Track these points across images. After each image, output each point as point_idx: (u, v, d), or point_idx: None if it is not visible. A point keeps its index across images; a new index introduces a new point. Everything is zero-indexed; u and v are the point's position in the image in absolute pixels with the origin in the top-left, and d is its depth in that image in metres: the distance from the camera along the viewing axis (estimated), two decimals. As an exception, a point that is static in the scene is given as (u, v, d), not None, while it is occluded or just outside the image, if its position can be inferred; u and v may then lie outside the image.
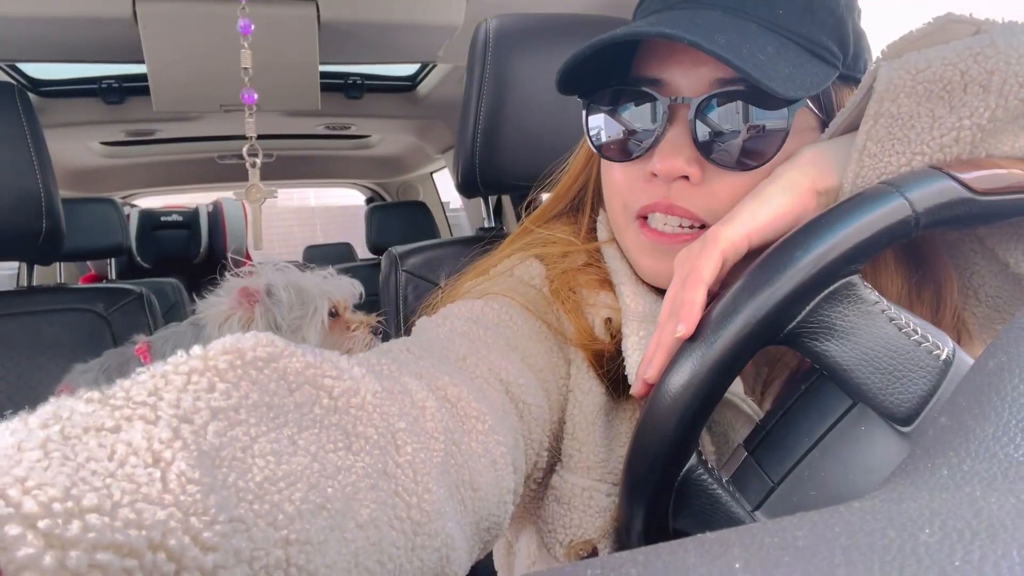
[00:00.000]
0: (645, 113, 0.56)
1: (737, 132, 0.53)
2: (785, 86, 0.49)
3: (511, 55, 1.04)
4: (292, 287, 1.32)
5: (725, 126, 0.53)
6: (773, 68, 0.49)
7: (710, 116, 0.53)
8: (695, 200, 0.55)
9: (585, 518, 0.57)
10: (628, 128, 0.57)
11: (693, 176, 0.54)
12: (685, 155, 0.53)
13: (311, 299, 1.34)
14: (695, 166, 0.53)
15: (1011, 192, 0.45)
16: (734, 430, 0.57)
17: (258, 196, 1.08)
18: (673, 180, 0.55)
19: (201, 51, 1.39)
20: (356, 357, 0.38)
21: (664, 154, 0.54)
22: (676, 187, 0.55)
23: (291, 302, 1.31)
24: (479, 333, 0.54)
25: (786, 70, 0.50)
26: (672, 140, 0.54)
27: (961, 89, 0.45)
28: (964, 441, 0.21)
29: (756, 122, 0.52)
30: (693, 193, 0.55)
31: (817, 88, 0.51)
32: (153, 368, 0.26)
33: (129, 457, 0.22)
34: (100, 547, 0.19)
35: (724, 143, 0.53)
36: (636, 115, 0.56)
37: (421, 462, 0.33)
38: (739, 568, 0.16)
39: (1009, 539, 0.15)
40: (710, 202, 0.54)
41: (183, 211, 3.93)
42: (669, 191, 0.55)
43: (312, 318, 1.33)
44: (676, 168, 0.53)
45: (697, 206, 0.55)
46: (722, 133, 0.53)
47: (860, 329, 0.43)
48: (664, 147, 0.54)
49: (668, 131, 0.55)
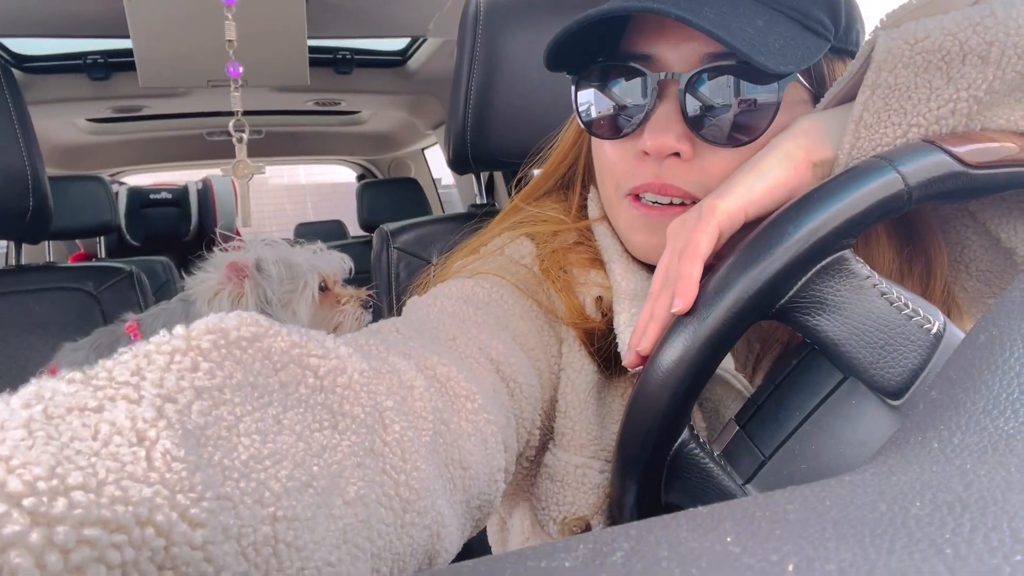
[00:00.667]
0: (634, 89, 0.55)
1: (728, 107, 0.52)
2: (775, 60, 0.48)
3: (502, 29, 1.03)
4: (282, 261, 1.32)
5: (715, 101, 0.52)
6: (763, 42, 0.49)
7: (700, 91, 0.52)
8: (687, 177, 0.54)
9: (578, 495, 0.57)
10: (617, 105, 0.56)
11: (684, 153, 0.53)
12: (675, 131, 0.53)
13: (301, 273, 1.33)
14: (686, 142, 0.53)
15: (1003, 165, 0.44)
16: (725, 406, 0.57)
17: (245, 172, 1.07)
18: (664, 157, 0.54)
19: (187, 25, 1.37)
20: (344, 337, 0.38)
21: (654, 131, 0.53)
22: (668, 164, 0.54)
23: (281, 276, 1.30)
24: (469, 313, 0.53)
25: (776, 44, 0.49)
26: (662, 116, 0.54)
27: (959, 60, 0.45)
28: (955, 414, 0.21)
29: (746, 97, 0.52)
30: (685, 170, 0.54)
31: (807, 62, 0.50)
32: (135, 348, 0.26)
33: (113, 436, 0.22)
34: (87, 523, 0.19)
35: (715, 119, 0.53)
36: (625, 91, 0.56)
37: (409, 440, 0.33)
38: (730, 542, 0.16)
39: (999, 512, 0.15)
40: (702, 178, 0.54)
41: (172, 189, 3.91)
42: (661, 169, 0.55)
43: (302, 292, 1.32)
44: (667, 145, 0.53)
45: (689, 183, 0.54)
46: (712, 108, 0.52)
47: (852, 303, 0.43)
48: (654, 124, 0.54)
49: (658, 107, 0.54)
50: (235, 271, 1.29)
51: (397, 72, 2.27)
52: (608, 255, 0.61)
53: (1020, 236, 0.52)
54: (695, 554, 0.16)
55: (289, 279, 1.32)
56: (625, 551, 0.17)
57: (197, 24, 1.36)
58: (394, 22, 1.64)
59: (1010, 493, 0.16)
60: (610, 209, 0.62)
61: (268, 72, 1.61)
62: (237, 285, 1.28)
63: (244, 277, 1.29)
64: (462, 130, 1.07)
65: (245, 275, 1.29)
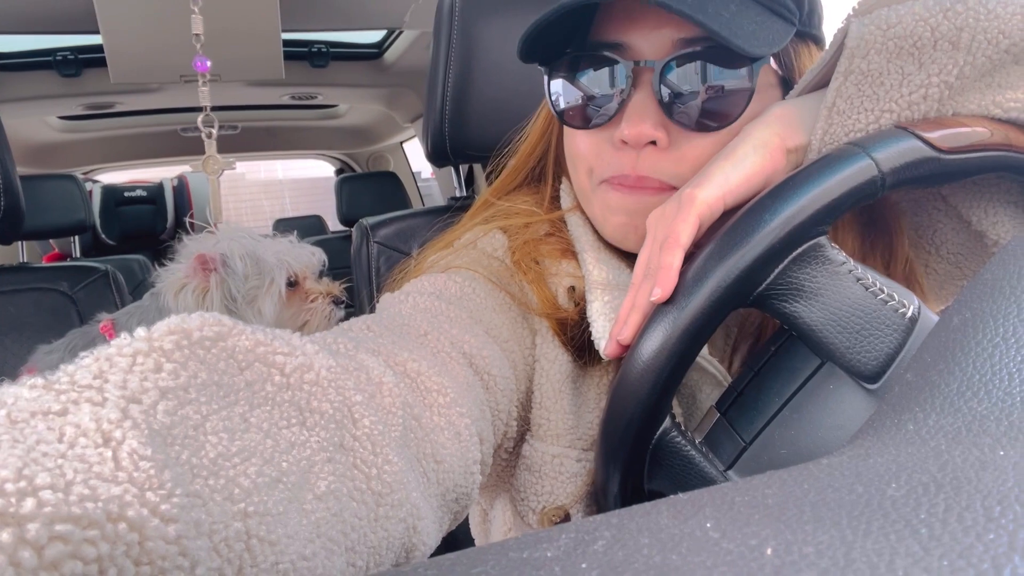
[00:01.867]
0: (608, 78, 0.55)
1: (703, 92, 0.52)
2: (750, 43, 0.49)
3: (478, 20, 1.02)
4: (248, 256, 1.27)
5: (690, 87, 0.52)
6: (738, 25, 0.49)
7: (675, 78, 0.52)
8: (663, 166, 0.55)
9: (556, 485, 0.57)
10: (591, 94, 0.56)
11: (660, 141, 0.53)
12: (652, 119, 0.53)
13: (268, 270, 1.29)
14: (662, 130, 0.53)
15: (974, 150, 0.45)
16: (700, 391, 0.58)
17: (215, 168, 1.06)
18: (642, 146, 0.54)
19: (157, 19, 1.35)
20: (312, 336, 0.37)
21: (631, 119, 0.53)
22: (644, 153, 0.55)
23: (247, 272, 1.26)
24: (441, 307, 0.53)
25: (749, 27, 0.50)
26: (638, 104, 0.54)
27: (931, 46, 0.45)
28: (929, 396, 0.21)
29: (721, 82, 0.52)
30: (661, 158, 0.54)
31: (779, 44, 0.51)
32: (97, 352, 0.26)
33: (79, 438, 0.21)
34: (58, 519, 0.19)
35: (690, 105, 0.53)
36: (599, 81, 0.56)
37: (379, 434, 0.33)
38: (710, 527, 0.16)
39: (973, 491, 0.15)
40: (678, 167, 0.54)
41: (147, 186, 3.86)
42: (638, 157, 0.55)
43: (268, 289, 1.29)
44: (644, 133, 0.53)
45: (665, 173, 0.55)
46: (688, 94, 0.53)
47: (828, 289, 0.44)
48: (631, 112, 0.54)
49: (633, 95, 0.54)
50: (202, 264, 1.25)
51: (373, 65, 2.26)
52: (580, 245, 0.61)
53: (990, 219, 0.53)
54: (676, 540, 0.16)
55: (256, 275, 1.28)
56: (607, 539, 0.17)
57: (168, 18, 1.34)
58: (369, 14, 1.63)
59: (983, 473, 0.16)
60: (584, 198, 0.62)
61: (242, 66, 1.59)
62: (203, 280, 1.24)
63: (210, 271, 1.25)
64: (440, 122, 1.06)
65: (212, 269, 1.25)
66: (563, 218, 0.64)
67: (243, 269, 1.26)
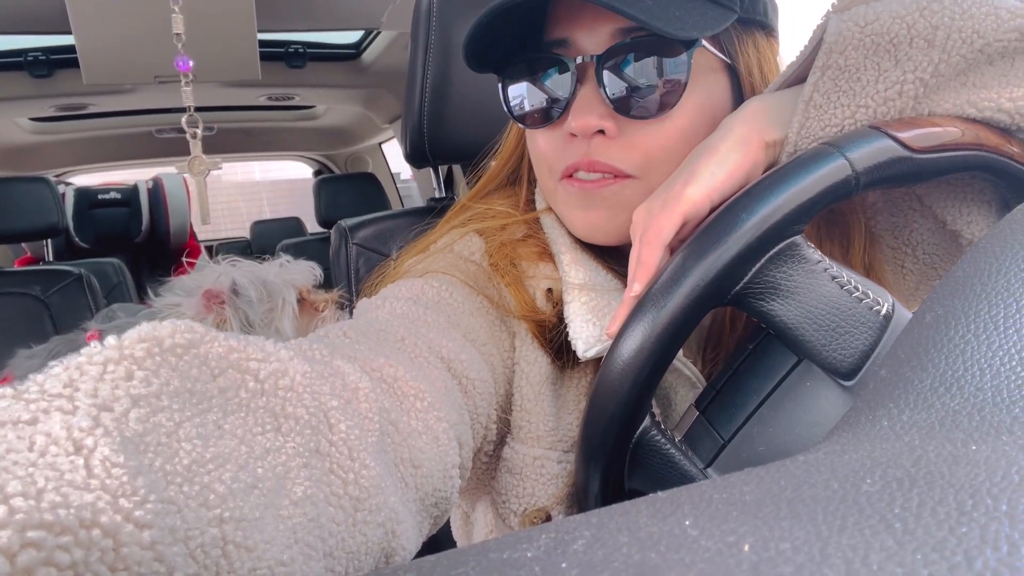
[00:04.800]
0: (556, 75, 0.57)
1: (642, 81, 0.54)
2: (675, 27, 0.49)
3: (455, 20, 1.02)
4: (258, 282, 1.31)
5: (630, 77, 0.54)
6: (663, 12, 0.50)
7: (615, 69, 0.54)
8: (614, 153, 0.56)
9: (537, 487, 0.57)
10: (543, 94, 0.58)
11: (608, 130, 0.55)
12: (598, 111, 0.54)
13: (278, 291, 1.32)
14: (609, 120, 0.55)
15: (946, 149, 0.46)
16: (676, 393, 0.59)
17: (201, 168, 1.05)
18: (591, 136, 0.56)
19: (131, 19, 1.33)
20: (288, 343, 0.37)
21: (578, 112, 0.55)
22: (595, 143, 0.56)
23: (260, 297, 1.29)
24: (418, 312, 0.53)
25: (677, 12, 0.51)
26: (584, 97, 0.55)
27: (907, 43, 0.46)
28: (903, 392, 0.22)
29: (658, 70, 0.54)
30: (612, 146, 0.56)
31: (711, 29, 0.52)
32: (66, 361, 0.25)
33: (50, 447, 0.21)
34: (30, 526, 0.18)
35: (632, 94, 0.54)
36: (548, 79, 0.57)
37: (356, 439, 0.33)
38: (689, 525, 0.16)
39: (946, 485, 0.16)
40: (629, 154, 0.56)
41: (121, 188, 3.80)
42: (589, 147, 0.56)
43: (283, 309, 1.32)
44: (590, 124, 0.54)
45: (617, 159, 0.56)
46: (629, 84, 0.54)
47: (804, 288, 0.44)
48: (577, 105, 0.55)
49: (580, 90, 0.56)
50: (211, 298, 1.27)
51: (351, 66, 2.25)
52: (556, 247, 0.61)
53: (964, 219, 0.54)
54: (654, 538, 0.16)
55: (268, 298, 1.31)
56: (586, 539, 0.17)
57: (142, 18, 1.32)
58: (346, 15, 1.62)
59: (956, 467, 0.16)
60: (550, 198, 0.62)
61: (217, 66, 1.57)
62: (219, 313, 1.26)
63: (221, 304, 1.27)
64: (418, 123, 1.06)
65: (221, 301, 1.27)
66: (539, 220, 0.65)
67: (257, 294, 1.28)
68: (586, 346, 0.54)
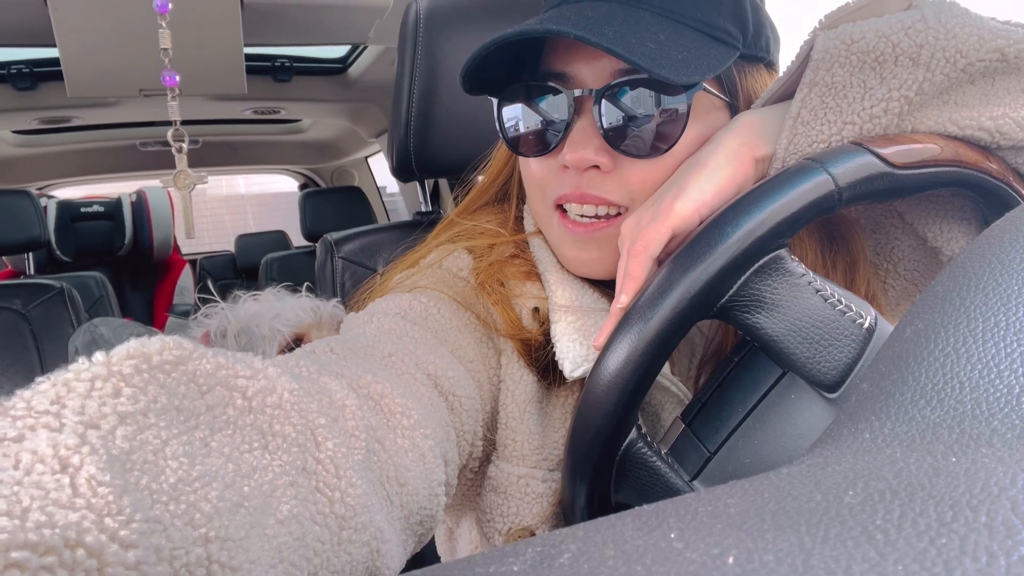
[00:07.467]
0: (553, 107, 0.56)
1: (640, 119, 0.53)
2: (677, 72, 0.49)
3: (442, 36, 1.02)
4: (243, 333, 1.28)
5: (628, 114, 0.54)
6: (664, 55, 0.50)
7: (613, 106, 0.54)
8: (608, 187, 0.56)
9: (522, 505, 0.57)
10: (539, 122, 0.58)
11: (603, 165, 0.55)
12: (594, 145, 0.54)
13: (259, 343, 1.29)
14: (604, 155, 0.54)
15: (926, 165, 0.47)
16: (664, 410, 0.59)
17: (187, 183, 1.04)
18: (584, 170, 0.55)
19: (116, 33, 1.33)
20: (275, 359, 0.37)
21: (573, 146, 0.55)
22: (588, 176, 0.56)
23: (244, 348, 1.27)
24: (406, 328, 0.53)
25: (679, 55, 0.50)
26: (580, 131, 0.55)
27: (892, 61, 0.47)
28: (884, 405, 0.22)
29: (657, 108, 0.53)
30: (605, 180, 0.55)
31: (713, 71, 0.52)
32: (53, 377, 0.25)
33: (35, 465, 0.21)
34: (14, 547, 0.18)
35: (629, 131, 0.54)
36: (545, 109, 0.57)
37: (343, 457, 0.33)
38: (674, 538, 0.16)
39: (927, 497, 0.16)
40: (623, 188, 0.55)
41: (104, 201, 3.76)
42: (581, 180, 0.56)
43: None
44: (585, 159, 0.54)
45: (610, 192, 0.56)
46: (626, 121, 0.54)
47: (788, 301, 0.45)
48: (573, 139, 0.55)
49: (576, 123, 0.55)
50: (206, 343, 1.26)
51: (338, 80, 2.25)
52: (543, 267, 0.61)
53: (945, 236, 0.55)
54: (640, 552, 0.16)
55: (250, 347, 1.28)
56: (572, 552, 0.17)
57: (127, 33, 1.32)
58: (333, 29, 1.63)
59: (936, 479, 0.17)
60: (542, 222, 0.62)
61: (203, 81, 1.57)
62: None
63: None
64: (405, 138, 1.06)
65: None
66: (527, 240, 0.65)
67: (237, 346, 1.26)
68: (573, 366, 0.54)
